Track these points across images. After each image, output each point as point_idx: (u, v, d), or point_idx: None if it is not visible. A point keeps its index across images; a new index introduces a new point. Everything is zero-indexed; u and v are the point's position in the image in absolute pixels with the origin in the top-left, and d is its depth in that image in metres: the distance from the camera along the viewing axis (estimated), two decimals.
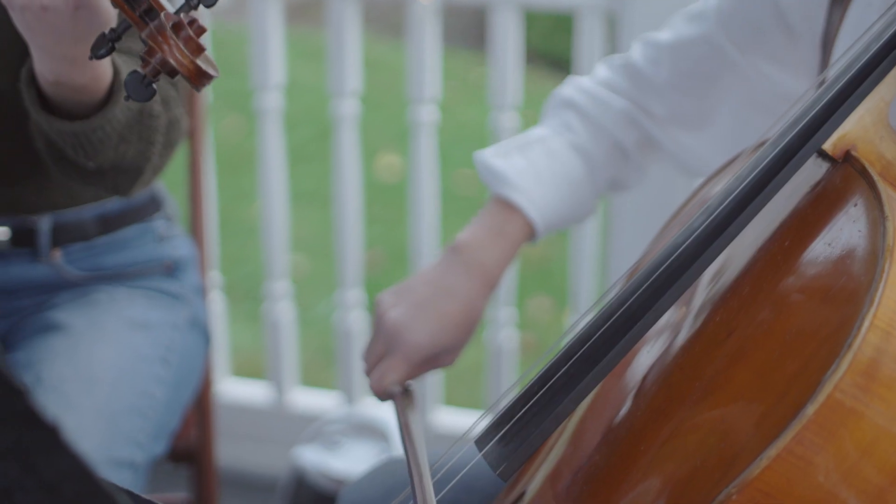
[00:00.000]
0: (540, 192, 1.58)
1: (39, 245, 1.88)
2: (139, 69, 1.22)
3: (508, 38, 2.58)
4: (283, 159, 2.80)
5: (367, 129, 2.78)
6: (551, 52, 5.56)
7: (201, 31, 1.23)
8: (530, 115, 3.03)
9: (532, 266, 4.13)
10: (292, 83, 2.77)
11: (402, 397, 1.51)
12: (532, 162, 1.59)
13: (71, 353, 1.79)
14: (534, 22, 2.66)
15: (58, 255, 1.89)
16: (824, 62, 1.47)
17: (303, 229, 4.36)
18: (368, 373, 1.56)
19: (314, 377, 3.44)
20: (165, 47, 1.21)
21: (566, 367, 1.21)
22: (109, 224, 1.91)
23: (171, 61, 1.21)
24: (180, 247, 1.99)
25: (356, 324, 2.87)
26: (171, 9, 1.27)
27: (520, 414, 1.22)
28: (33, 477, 0.90)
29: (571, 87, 1.65)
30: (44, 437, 0.81)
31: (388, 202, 4.56)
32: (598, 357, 1.20)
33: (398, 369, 1.52)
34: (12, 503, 0.97)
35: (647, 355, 1.25)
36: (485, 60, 5.70)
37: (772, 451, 1.00)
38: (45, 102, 1.54)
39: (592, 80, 1.66)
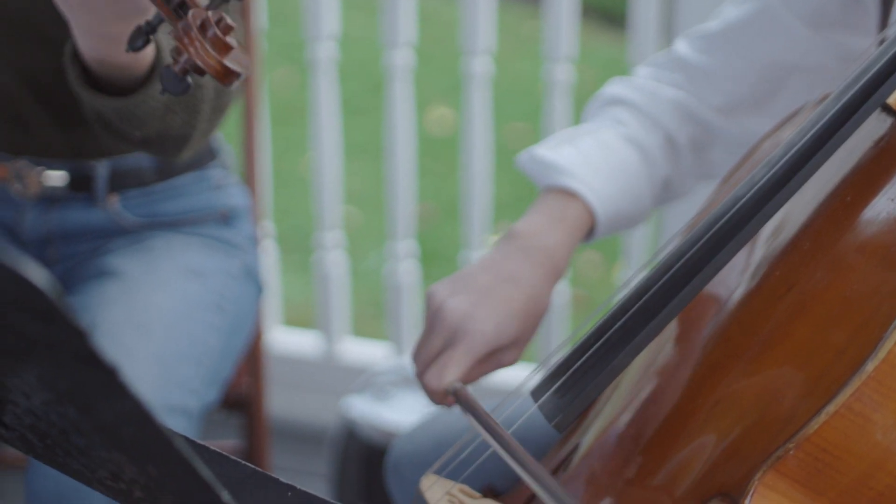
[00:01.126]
0: (597, 179, 1.47)
1: (97, 190, 1.89)
2: (171, 65, 1.24)
3: None
4: (336, 111, 2.79)
5: (419, 82, 2.77)
6: (603, 6, 5.53)
7: (228, 29, 1.24)
8: (583, 69, 3.01)
9: None
10: (343, 35, 2.76)
11: (464, 390, 1.36)
12: (584, 152, 1.48)
13: (126, 300, 1.80)
14: None
15: (115, 201, 1.90)
16: (883, 20, 1.45)
17: (354, 182, 4.35)
18: (422, 373, 1.41)
19: (364, 328, 3.45)
20: (192, 48, 1.22)
21: (623, 319, 1.20)
22: (166, 171, 1.92)
23: (198, 62, 1.22)
24: (235, 195, 2.00)
25: (407, 276, 2.88)
26: (203, 2, 1.28)
27: (576, 366, 1.22)
28: (91, 419, 0.90)
29: (616, 85, 1.57)
30: (103, 380, 0.81)
31: (438, 155, 4.55)
32: (655, 310, 1.19)
33: (460, 363, 1.39)
34: (69, 444, 0.98)
35: (704, 309, 1.24)
36: (537, 14, 5.68)
37: (830, 408, 1.00)
38: (90, 76, 1.54)
39: (641, 76, 1.58)
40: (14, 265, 0.75)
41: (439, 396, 1.39)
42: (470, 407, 1.31)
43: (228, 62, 1.23)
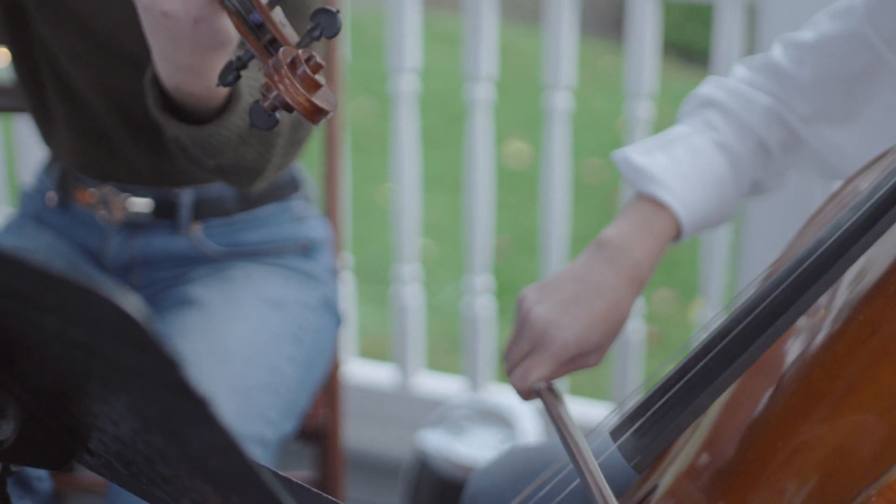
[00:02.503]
0: (685, 189, 1.52)
1: (180, 218, 1.91)
2: (260, 100, 1.26)
3: (646, 27, 2.56)
4: (417, 143, 2.80)
5: (496, 115, 2.78)
6: (683, 43, 5.52)
7: (318, 67, 1.26)
8: (662, 105, 3.01)
9: None
10: (423, 66, 2.77)
11: (549, 393, 1.45)
12: (676, 159, 1.54)
13: (206, 328, 1.82)
14: (667, 11, 2.64)
15: (198, 229, 1.92)
16: None
17: (429, 213, 4.37)
18: (510, 371, 1.49)
19: (438, 361, 3.46)
20: (281, 86, 1.24)
21: (705, 360, 1.20)
22: (249, 201, 1.93)
23: (288, 99, 1.25)
24: (316, 227, 2.01)
25: (483, 310, 2.88)
26: (293, 39, 1.29)
27: (656, 407, 1.22)
28: (178, 448, 0.91)
29: (711, 86, 1.60)
30: (193, 410, 0.82)
31: (514, 188, 4.56)
32: (738, 352, 1.19)
33: (544, 367, 1.46)
34: (154, 472, 0.99)
35: (786, 352, 1.24)
36: (615, 48, 5.68)
37: None
38: (169, 102, 1.56)
39: (734, 78, 1.61)
40: (110, 294, 0.76)
41: (525, 395, 1.47)
42: (550, 409, 1.41)
43: (317, 100, 1.25)
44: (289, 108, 1.25)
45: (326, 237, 2.03)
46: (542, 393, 1.45)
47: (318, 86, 1.26)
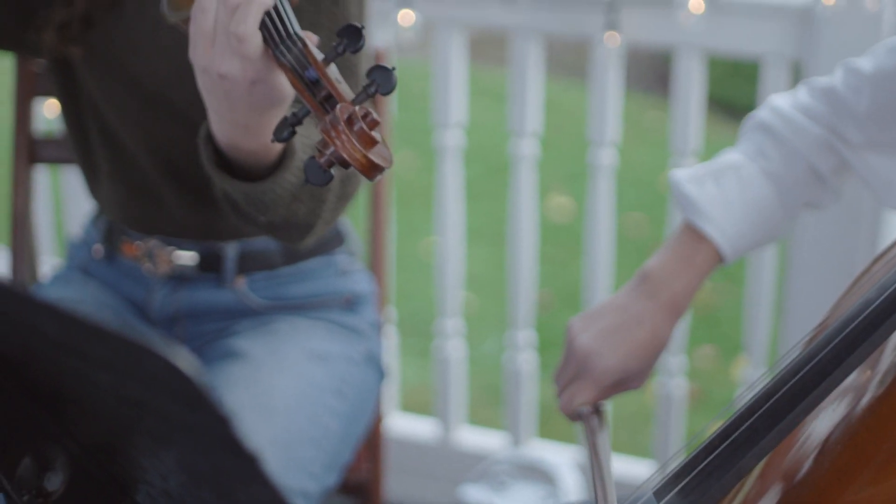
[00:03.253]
0: (730, 221, 1.61)
1: (225, 271, 1.92)
2: (316, 156, 1.27)
3: (691, 84, 2.57)
4: (461, 197, 2.82)
5: (539, 169, 2.79)
6: (727, 98, 5.52)
7: (374, 123, 1.27)
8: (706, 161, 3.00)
9: (697, 313, 4.09)
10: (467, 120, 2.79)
11: (592, 418, 1.56)
12: (724, 190, 1.62)
13: (250, 381, 1.83)
14: (711, 67, 2.65)
15: (242, 283, 1.93)
16: None
17: (471, 265, 4.38)
18: (559, 394, 1.61)
19: (479, 415, 3.45)
20: (338, 142, 1.25)
21: (750, 421, 1.20)
22: (294, 255, 1.94)
23: (344, 155, 1.26)
24: (360, 281, 2.02)
25: (526, 365, 2.88)
26: (348, 96, 1.30)
27: (701, 467, 1.21)
28: (227, 503, 0.92)
29: (768, 110, 1.66)
30: (243, 466, 0.83)
31: (557, 242, 4.56)
32: (783, 413, 1.19)
33: (588, 392, 1.59)
34: None
35: (831, 414, 1.23)
36: (658, 104, 5.69)
37: None
38: (222, 158, 1.58)
39: (791, 102, 1.66)
40: (164, 351, 0.77)
41: (571, 417, 1.60)
42: (588, 436, 1.53)
43: (373, 156, 1.26)
44: (345, 165, 1.26)
45: (370, 291, 2.04)
46: (585, 417, 1.57)
47: (374, 142, 1.27)
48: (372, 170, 1.27)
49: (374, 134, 1.27)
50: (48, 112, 2.60)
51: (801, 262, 2.55)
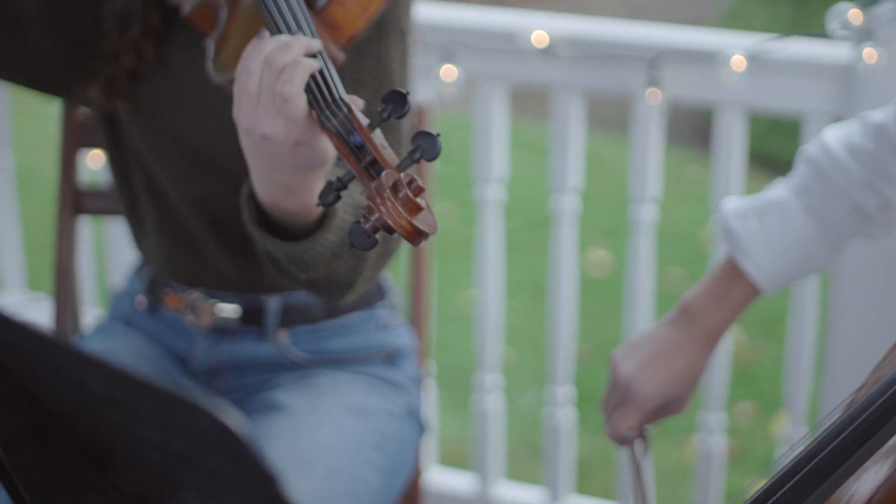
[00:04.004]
0: (770, 258, 1.71)
1: (267, 324, 1.93)
2: (360, 222, 1.28)
3: (732, 141, 2.57)
4: (501, 251, 2.82)
5: (578, 223, 2.79)
6: (767, 153, 5.51)
7: (419, 190, 1.28)
8: None
9: (736, 369, 4.08)
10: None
11: (637, 442, 1.71)
12: (766, 227, 1.71)
13: (290, 435, 1.83)
14: (752, 122, 2.66)
15: (284, 336, 1.94)
16: None
17: (509, 318, 4.38)
18: (606, 419, 1.74)
19: (517, 469, 3.44)
20: (383, 209, 1.26)
21: (792, 482, 1.19)
22: (335, 309, 1.95)
23: (389, 222, 1.27)
24: (401, 336, 2.02)
25: (565, 420, 2.87)
26: (393, 161, 1.31)
27: None
28: None
29: (818, 145, 1.73)
30: None
31: (595, 296, 4.55)
32: (825, 474, 1.18)
33: (631, 418, 1.72)
34: None
35: (873, 475, 1.23)
36: (697, 158, 5.69)
37: None
38: (263, 216, 1.59)
39: (840, 137, 1.71)
40: (212, 408, 0.78)
41: (618, 441, 1.73)
42: (632, 460, 1.68)
43: (418, 223, 1.26)
44: (390, 231, 1.26)
45: (411, 345, 2.04)
46: (630, 441, 1.71)
47: (419, 209, 1.27)
48: (417, 236, 1.27)
49: (419, 200, 1.27)
50: (92, 163, 2.63)
51: (842, 319, 2.54)
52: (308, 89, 1.41)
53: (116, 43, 1.84)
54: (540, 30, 2.57)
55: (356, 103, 1.40)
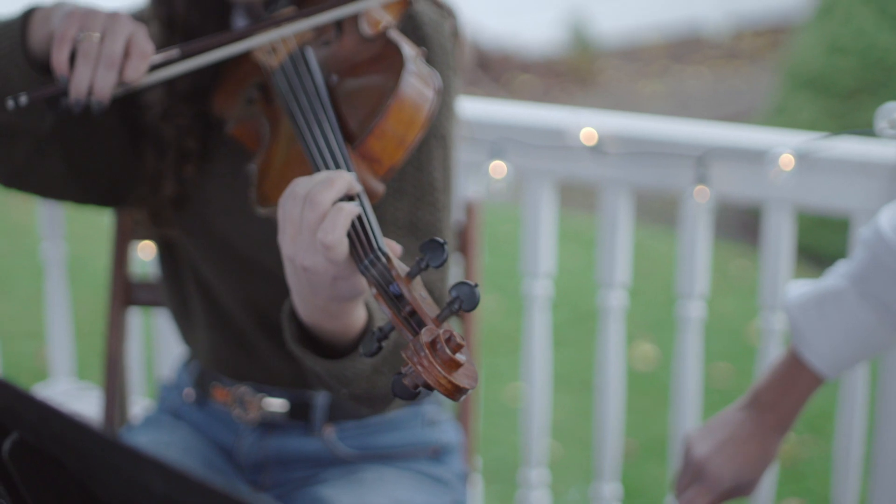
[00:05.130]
0: (830, 348, 1.78)
1: (314, 420, 1.94)
2: (402, 377, 1.28)
3: (781, 238, 2.57)
4: (548, 345, 2.82)
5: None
6: (815, 247, 5.49)
7: (458, 346, 1.28)
8: None
9: (783, 465, 4.04)
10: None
11: None
12: (825, 316, 1.78)
13: None
14: (800, 217, 2.66)
15: (330, 431, 1.94)
16: None
17: (555, 412, 4.37)
18: (677, 498, 1.84)
19: None
20: (421, 367, 1.26)
21: None
22: None
23: (429, 381, 1.27)
24: (447, 432, 2.02)
25: None
26: (432, 311, 1.31)
27: None
28: None
29: (872, 229, 1.78)
30: None
31: (640, 390, 4.53)
32: None
33: (704, 497, 1.81)
34: None
35: None
36: (744, 252, 5.68)
37: None
38: (305, 331, 1.60)
39: (893, 220, 1.77)
40: None
41: None
42: None
43: (457, 379, 1.26)
44: (429, 388, 1.27)
45: (457, 441, 2.04)
46: None
47: (458, 365, 1.27)
48: (456, 392, 1.27)
49: (459, 356, 1.27)
50: (143, 254, 2.65)
51: (890, 417, 2.52)
52: (347, 235, 1.43)
53: (155, 169, 1.87)
54: (588, 127, 2.58)
55: (394, 250, 1.42)
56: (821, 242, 5.44)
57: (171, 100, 1.86)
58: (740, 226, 5.97)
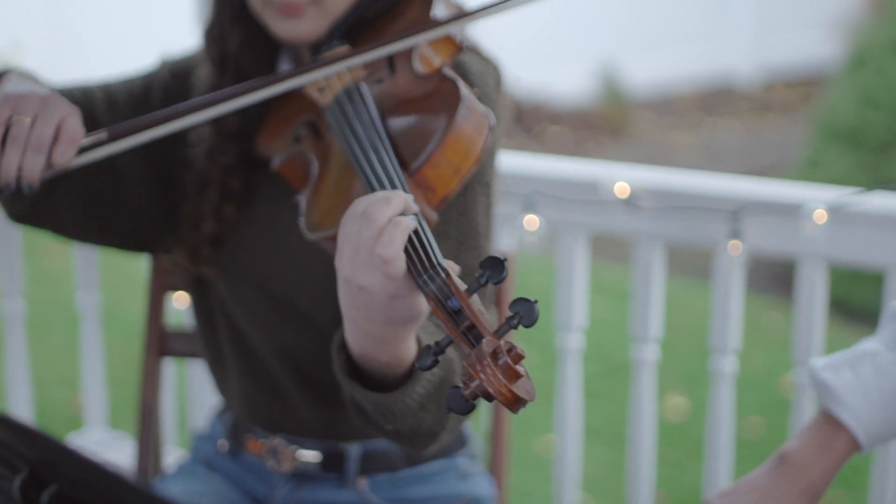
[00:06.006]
0: (867, 409, 1.69)
1: (347, 471, 1.94)
2: (461, 388, 1.28)
3: (814, 292, 2.57)
4: (581, 398, 2.82)
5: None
6: (849, 301, 5.47)
7: (519, 357, 1.28)
8: None
9: None
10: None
11: None
12: (861, 377, 1.70)
13: None
14: (832, 271, 2.66)
15: (364, 483, 1.94)
16: None
17: (586, 464, 4.35)
18: None
19: None
20: (483, 376, 1.26)
21: None
22: (415, 457, 1.95)
23: (490, 390, 1.27)
24: (481, 485, 2.02)
25: None
26: (491, 327, 1.32)
27: None
28: None
29: None
30: None
31: (671, 442, 4.52)
32: None
33: None
34: None
35: None
36: (776, 304, 5.65)
37: None
38: (353, 366, 1.60)
39: None
40: None
41: None
42: None
43: (518, 390, 1.26)
44: (489, 398, 1.26)
45: (490, 495, 2.04)
46: None
47: (519, 376, 1.27)
48: (516, 403, 1.27)
49: (519, 367, 1.27)
50: (177, 303, 2.66)
51: None
52: (405, 251, 1.43)
53: (197, 207, 1.88)
54: (622, 181, 2.59)
55: (453, 268, 1.42)
56: (855, 298, 5.42)
57: (218, 139, 1.87)
58: (771, 278, 5.94)
